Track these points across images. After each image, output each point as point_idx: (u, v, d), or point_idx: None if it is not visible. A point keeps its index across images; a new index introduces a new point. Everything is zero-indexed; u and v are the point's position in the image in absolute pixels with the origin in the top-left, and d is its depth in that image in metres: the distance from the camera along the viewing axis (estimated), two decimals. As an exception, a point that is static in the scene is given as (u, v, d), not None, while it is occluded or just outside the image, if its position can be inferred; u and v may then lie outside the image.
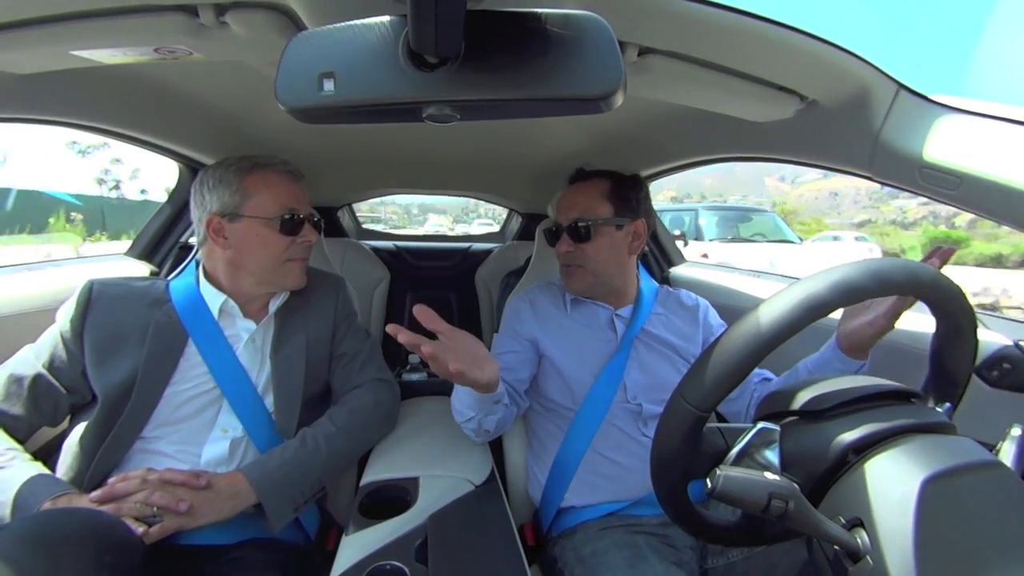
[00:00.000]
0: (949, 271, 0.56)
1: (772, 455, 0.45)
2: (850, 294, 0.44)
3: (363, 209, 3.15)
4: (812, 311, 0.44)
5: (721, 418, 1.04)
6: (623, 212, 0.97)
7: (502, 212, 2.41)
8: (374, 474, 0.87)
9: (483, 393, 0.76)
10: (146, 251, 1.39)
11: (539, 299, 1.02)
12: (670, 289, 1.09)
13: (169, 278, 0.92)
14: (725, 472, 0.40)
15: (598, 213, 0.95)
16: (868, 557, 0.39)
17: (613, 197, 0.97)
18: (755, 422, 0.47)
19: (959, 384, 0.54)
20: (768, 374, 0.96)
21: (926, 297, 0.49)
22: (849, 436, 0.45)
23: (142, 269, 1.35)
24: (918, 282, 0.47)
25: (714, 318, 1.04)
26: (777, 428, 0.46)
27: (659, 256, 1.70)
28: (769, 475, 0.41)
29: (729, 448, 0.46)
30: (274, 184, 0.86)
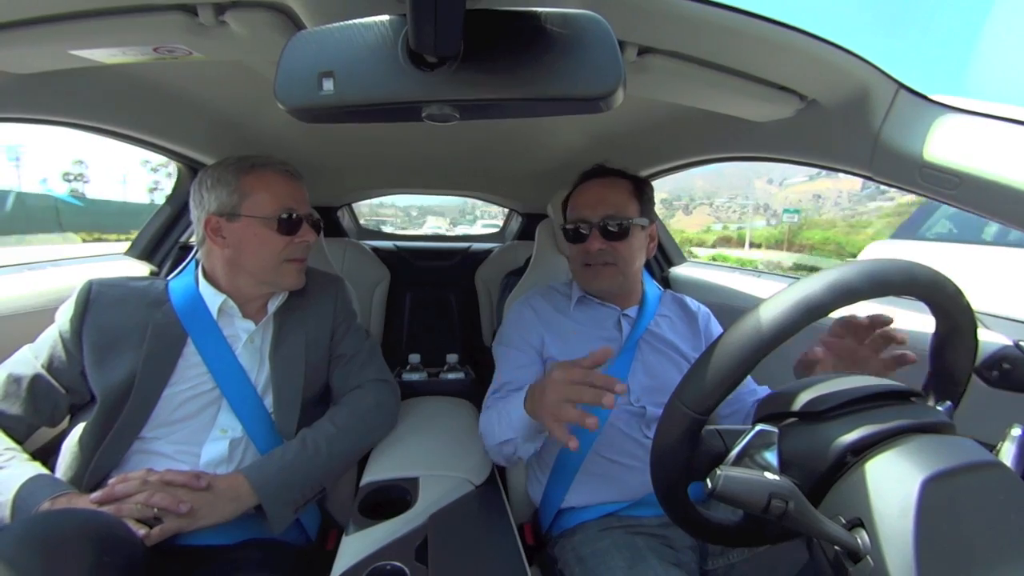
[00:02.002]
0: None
1: (771, 457, 0.45)
2: (847, 295, 0.44)
3: (366, 212, 3.14)
4: (809, 313, 0.44)
5: None
6: (646, 213, 0.97)
7: (500, 213, 2.41)
8: (374, 474, 0.87)
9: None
10: (146, 251, 1.39)
11: (539, 303, 1.02)
12: (674, 294, 1.09)
13: (168, 278, 0.91)
14: (725, 472, 0.40)
15: (629, 212, 0.95)
16: (868, 557, 0.39)
17: (637, 197, 0.97)
18: (755, 423, 0.47)
19: (960, 382, 0.54)
20: (764, 393, 0.95)
21: (924, 298, 0.49)
22: (847, 437, 0.45)
23: (142, 269, 1.35)
24: (916, 283, 0.47)
25: (715, 326, 1.04)
26: (775, 430, 0.46)
27: (659, 256, 1.70)
28: (769, 475, 0.41)
29: (728, 450, 0.46)
30: (272, 183, 0.86)
